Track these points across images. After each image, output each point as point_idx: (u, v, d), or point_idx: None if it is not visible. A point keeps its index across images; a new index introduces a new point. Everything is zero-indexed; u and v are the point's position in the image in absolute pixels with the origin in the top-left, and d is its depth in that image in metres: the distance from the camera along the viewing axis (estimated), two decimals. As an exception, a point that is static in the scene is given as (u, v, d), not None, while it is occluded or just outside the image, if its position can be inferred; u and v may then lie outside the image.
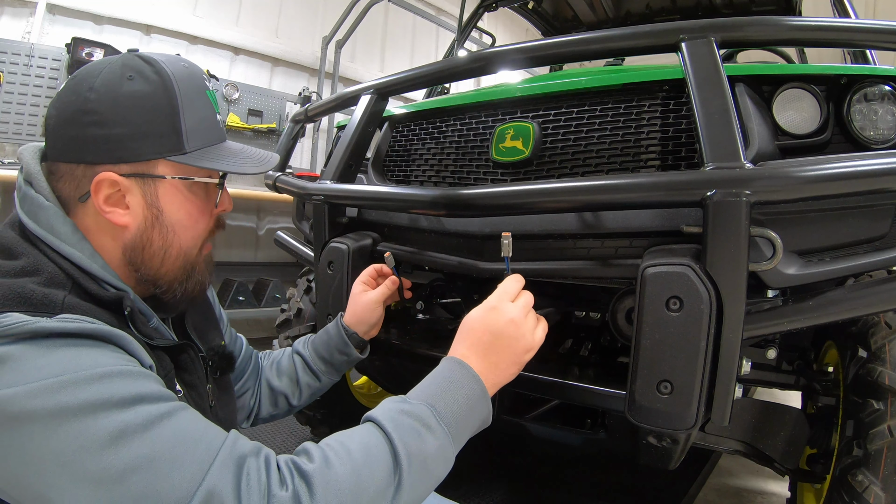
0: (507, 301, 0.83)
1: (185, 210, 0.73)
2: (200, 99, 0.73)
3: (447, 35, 5.45)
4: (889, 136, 0.95)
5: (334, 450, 0.63)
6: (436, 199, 1.03)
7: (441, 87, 2.43)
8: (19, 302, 0.58)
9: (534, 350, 0.83)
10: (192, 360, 0.76)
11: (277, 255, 3.96)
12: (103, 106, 0.66)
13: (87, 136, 0.66)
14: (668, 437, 0.90)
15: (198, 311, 0.89)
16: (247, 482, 0.56)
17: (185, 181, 0.72)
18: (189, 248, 0.75)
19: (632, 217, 1.00)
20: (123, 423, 0.54)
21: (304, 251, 1.64)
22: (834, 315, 0.87)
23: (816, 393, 1.21)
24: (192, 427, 0.58)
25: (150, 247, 0.71)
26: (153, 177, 0.70)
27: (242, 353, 1.05)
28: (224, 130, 0.79)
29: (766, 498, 1.83)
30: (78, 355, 0.56)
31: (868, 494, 0.94)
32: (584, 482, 1.88)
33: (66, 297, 0.60)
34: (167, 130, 0.69)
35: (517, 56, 1.07)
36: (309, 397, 1.09)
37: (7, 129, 2.97)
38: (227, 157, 0.75)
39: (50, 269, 0.63)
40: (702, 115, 0.85)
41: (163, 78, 0.69)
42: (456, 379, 0.75)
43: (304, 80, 4.58)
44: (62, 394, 0.52)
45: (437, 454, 0.67)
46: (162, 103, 0.68)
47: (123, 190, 0.68)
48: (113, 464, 0.52)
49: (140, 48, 3.52)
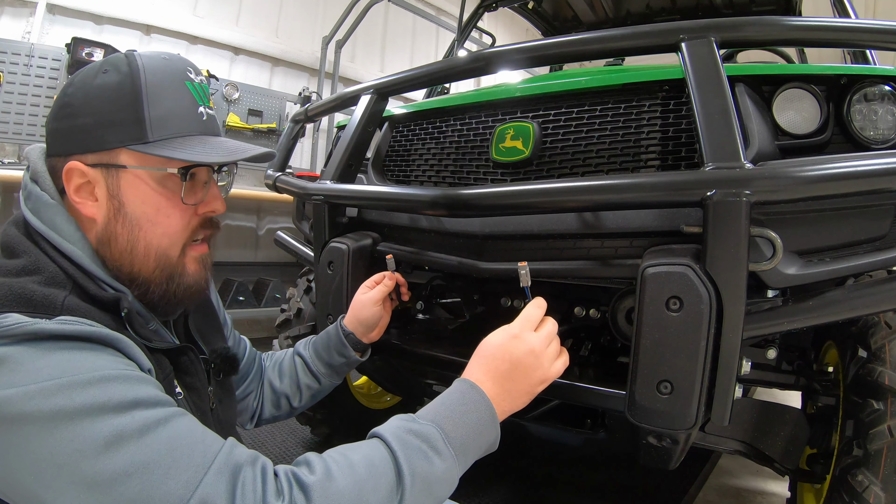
0: (529, 330, 0.81)
1: (151, 203, 0.69)
2: (174, 88, 0.70)
3: (447, 35, 5.45)
4: (889, 136, 0.95)
5: (337, 462, 0.61)
6: (436, 199, 1.03)
7: (441, 88, 2.43)
8: (19, 302, 0.57)
9: (549, 382, 0.81)
10: (192, 363, 0.76)
11: (277, 255, 3.96)
12: (76, 98, 0.67)
13: (63, 127, 0.68)
14: (668, 437, 0.90)
15: (200, 314, 0.88)
16: (242, 492, 0.55)
17: (150, 172, 0.69)
18: (161, 245, 0.71)
19: (632, 217, 1.00)
20: (119, 428, 0.53)
21: (304, 251, 1.64)
22: (834, 315, 0.87)
23: (816, 393, 1.21)
24: (189, 434, 0.58)
25: (117, 242, 0.69)
26: (115, 167, 0.68)
27: (246, 355, 1.05)
28: (209, 123, 0.74)
29: (766, 498, 1.83)
30: (75, 358, 0.55)
31: (868, 494, 0.94)
32: (584, 482, 1.88)
33: (66, 299, 0.60)
34: (129, 118, 0.67)
35: (517, 56, 1.07)
36: (310, 399, 1.09)
37: (7, 129, 2.97)
38: (194, 148, 0.70)
39: (51, 269, 0.63)
40: (702, 115, 0.85)
41: (131, 68, 0.68)
42: (467, 402, 0.73)
43: (304, 80, 4.58)
44: (59, 397, 0.52)
45: (442, 477, 0.66)
46: (126, 92, 0.67)
47: (92, 181, 0.68)
48: (107, 468, 0.52)
49: (140, 48, 3.49)
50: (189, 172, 0.71)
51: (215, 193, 0.76)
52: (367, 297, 1.10)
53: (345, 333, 1.09)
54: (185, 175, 0.71)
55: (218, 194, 0.77)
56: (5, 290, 0.58)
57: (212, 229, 0.78)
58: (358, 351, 1.10)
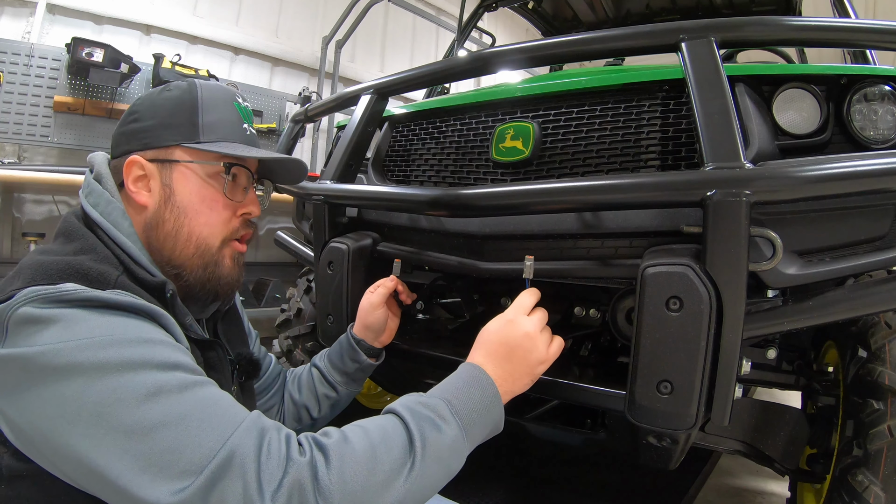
0: (522, 315, 0.87)
1: (197, 194, 0.79)
2: (225, 105, 0.83)
3: (447, 35, 5.44)
4: (889, 136, 0.95)
5: (352, 429, 0.66)
6: (436, 199, 1.03)
7: (441, 88, 2.43)
8: (76, 276, 0.64)
9: (547, 363, 0.87)
10: (220, 360, 0.80)
11: (277, 255, 3.96)
12: (142, 107, 0.80)
13: (128, 130, 0.80)
14: (668, 437, 0.91)
15: (227, 321, 0.95)
16: (268, 449, 0.59)
17: (200, 166, 0.79)
18: (203, 234, 0.79)
19: (632, 217, 1.00)
20: (160, 383, 0.58)
21: (304, 251, 1.64)
22: (834, 315, 0.87)
23: (816, 393, 1.21)
24: (222, 398, 0.63)
25: (163, 226, 0.77)
26: (170, 161, 0.78)
27: (270, 369, 1.09)
28: (252, 139, 0.85)
29: (766, 498, 1.83)
30: (125, 323, 0.61)
31: (868, 494, 0.95)
32: (584, 482, 1.88)
33: (119, 277, 0.67)
34: (186, 122, 0.79)
35: (517, 56, 1.07)
36: (329, 409, 1.11)
37: (7, 129, 2.96)
38: (237, 149, 0.81)
39: (104, 252, 0.70)
40: (702, 115, 0.85)
41: (191, 86, 0.81)
42: (472, 381, 0.78)
43: (304, 80, 4.57)
44: (108, 350, 0.57)
45: (450, 445, 0.69)
46: (185, 101, 0.80)
47: (148, 174, 0.77)
48: (146, 417, 0.56)
49: (140, 48, 3.52)
50: (232, 172, 0.82)
51: (253, 198, 0.86)
52: (368, 303, 1.12)
53: (355, 340, 1.11)
54: (229, 171, 0.81)
55: (255, 199, 0.87)
56: (63, 265, 0.64)
57: (249, 229, 0.87)
58: (371, 356, 1.11)
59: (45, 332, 0.57)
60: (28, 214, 3.10)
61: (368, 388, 2.14)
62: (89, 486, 0.58)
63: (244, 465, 0.56)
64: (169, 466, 0.55)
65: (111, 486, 0.55)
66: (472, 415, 0.74)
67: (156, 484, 0.54)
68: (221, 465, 0.55)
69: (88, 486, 0.58)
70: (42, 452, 0.58)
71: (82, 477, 0.57)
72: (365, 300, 1.12)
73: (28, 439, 0.59)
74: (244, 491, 0.55)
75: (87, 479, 0.57)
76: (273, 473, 0.57)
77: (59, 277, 0.62)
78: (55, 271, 0.63)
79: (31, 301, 0.59)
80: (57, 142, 3.10)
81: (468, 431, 0.72)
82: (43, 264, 0.64)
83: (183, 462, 0.55)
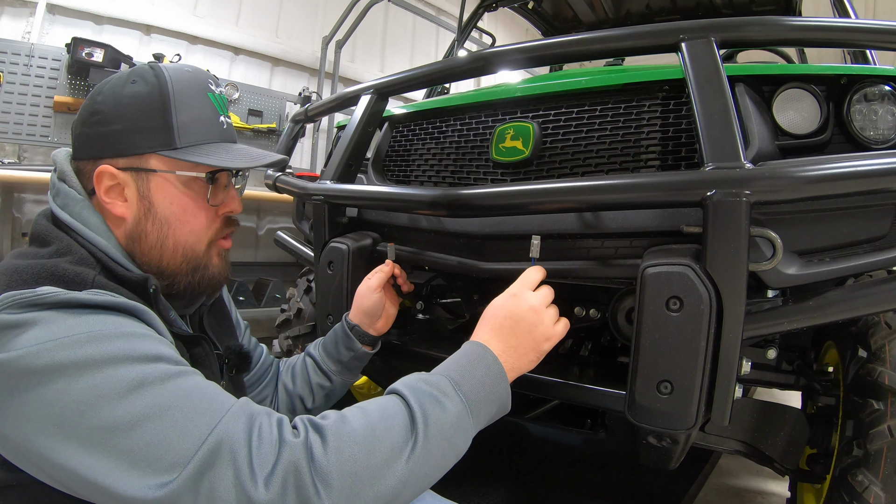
0: (527, 289, 0.86)
1: (178, 204, 0.75)
2: (198, 99, 0.76)
3: (447, 35, 5.44)
4: (889, 136, 0.95)
5: (350, 410, 0.65)
6: (436, 199, 1.03)
7: (441, 88, 2.43)
8: (52, 279, 0.62)
9: (553, 340, 0.85)
10: (206, 355, 0.79)
11: (277, 255, 3.95)
12: (107, 106, 0.72)
13: (93, 133, 0.73)
14: (668, 437, 0.90)
15: (213, 315, 0.93)
16: (259, 434, 0.57)
17: (179, 176, 0.74)
18: (189, 242, 0.77)
19: (632, 217, 1.00)
20: (142, 375, 0.56)
21: (304, 251, 1.64)
22: (834, 315, 0.87)
23: (816, 393, 1.21)
24: (207, 387, 0.61)
25: (146, 238, 0.74)
26: (145, 170, 0.73)
27: (262, 360, 1.07)
28: (228, 132, 0.81)
29: (766, 498, 1.83)
30: (104, 320, 0.60)
31: (868, 494, 0.95)
32: (584, 482, 1.87)
33: (96, 277, 0.65)
34: (159, 126, 0.73)
35: (517, 56, 1.07)
36: (324, 400, 1.09)
37: (7, 129, 2.96)
38: (218, 154, 0.76)
39: (80, 252, 0.68)
40: (702, 115, 0.85)
41: (159, 79, 0.73)
42: (475, 358, 0.76)
43: (304, 80, 4.57)
44: (86, 347, 0.56)
45: (454, 422, 0.68)
46: (155, 101, 0.73)
47: (122, 183, 0.73)
48: (129, 411, 0.55)
49: (140, 48, 3.52)
50: (213, 177, 0.77)
51: (234, 195, 0.83)
52: (366, 286, 1.11)
53: (350, 326, 1.10)
54: (211, 179, 0.77)
55: (236, 196, 0.84)
56: (39, 268, 0.63)
57: (232, 226, 0.85)
58: (366, 344, 1.10)
59: (23, 336, 0.56)
60: (28, 214, 3.10)
61: (369, 388, 2.14)
62: (78, 490, 0.56)
63: (234, 451, 0.55)
64: (156, 460, 0.54)
65: (99, 486, 0.54)
66: (477, 391, 0.72)
67: (144, 479, 0.53)
68: (210, 454, 0.54)
69: (77, 490, 0.56)
70: (29, 459, 0.57)
71: (71, 480, 0.56)
72: (363, 284, 1.12)
73: (14, 447, 0.57)
74: (236, 477, 0.54)
75: (75, 482, 0.56)
76: (266, 458, 0.55)
77: (35, 281, 0.61)
78: (31, 275, 0.62)
79: (7, 307, 0.57)
80: (57, 142, 3.10)
81: (473, 409, 0.70)
82: (19, 269, 0.63)
83: (170, 455, 0.54)
